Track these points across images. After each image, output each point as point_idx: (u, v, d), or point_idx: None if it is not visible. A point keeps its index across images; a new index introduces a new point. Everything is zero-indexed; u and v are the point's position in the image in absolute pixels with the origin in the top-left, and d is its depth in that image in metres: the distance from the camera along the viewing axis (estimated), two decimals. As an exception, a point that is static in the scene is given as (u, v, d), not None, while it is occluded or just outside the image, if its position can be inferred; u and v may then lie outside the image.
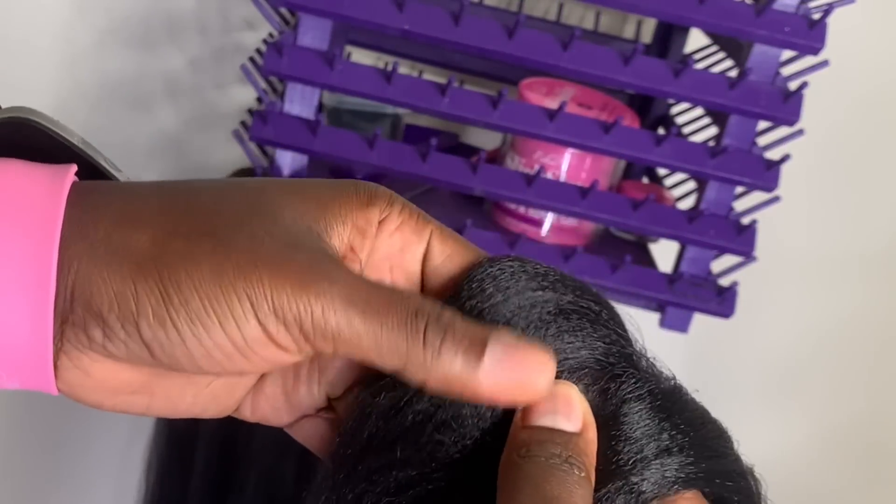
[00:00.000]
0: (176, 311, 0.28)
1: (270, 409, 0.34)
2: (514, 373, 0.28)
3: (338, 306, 0.28)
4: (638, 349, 0.34)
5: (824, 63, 0.66)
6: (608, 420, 0.30)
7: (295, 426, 0.35)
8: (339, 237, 0.31)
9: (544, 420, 0.28)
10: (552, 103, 0.69)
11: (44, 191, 0.29)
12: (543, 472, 0.27)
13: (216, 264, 0.28)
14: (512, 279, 0.32)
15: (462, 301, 0.32)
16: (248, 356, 0.29)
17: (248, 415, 0.34)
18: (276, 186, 0.32)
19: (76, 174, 0.31)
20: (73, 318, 0.28)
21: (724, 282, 0.73)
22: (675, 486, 0.30)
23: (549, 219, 0.74)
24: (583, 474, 0.28)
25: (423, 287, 0.34)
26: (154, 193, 0.31)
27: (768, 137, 0.70)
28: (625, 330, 0.34)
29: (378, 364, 0.29)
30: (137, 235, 0.29)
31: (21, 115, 0.31)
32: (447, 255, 0.33)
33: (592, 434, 0.29)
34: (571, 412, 0.29)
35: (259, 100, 0.77)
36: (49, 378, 0.29)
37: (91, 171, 0.32)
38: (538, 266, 0.33)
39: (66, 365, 0.29)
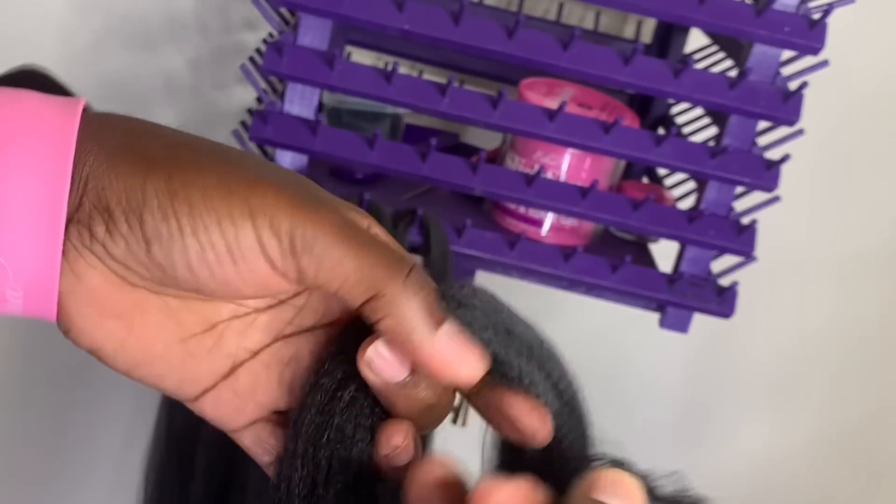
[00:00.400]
0: (180, 206, 0.29)
1: (233, 406, 0.34)
2: (461, 350, 0.31)
3: (330, 228, 0.30)
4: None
5: (824, 63, 0.66)
6: None
7: (246, 431, 0.35)
8: None
9: (605, 498, 0.27)
10: (552, 103, 0.69)
11: (59, 111, 0.30)
12: None
13: (223, 174, 0.30)
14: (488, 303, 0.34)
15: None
16: (238, 264, 0.30)
17: (207, 408, 0.34)
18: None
19: None
20: (78, 215, 0.30)
21: (724, 282, 0.73)
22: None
23: (549, 219, 0.74)
24: None
25: None
26: (164, 127, 0.33)
27: (768, 137, 0.70)
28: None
29: (353, 290, 0.30)
30: (150, 142, 0.31)
31: (35, 68, 0.33)
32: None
33: None
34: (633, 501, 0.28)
35: (259, 100, 0.77)
36: (54, 275, 0.30)
37: None
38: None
39: (62, 267, 0.30)
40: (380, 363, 0.31)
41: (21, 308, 0.31)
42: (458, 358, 0.31)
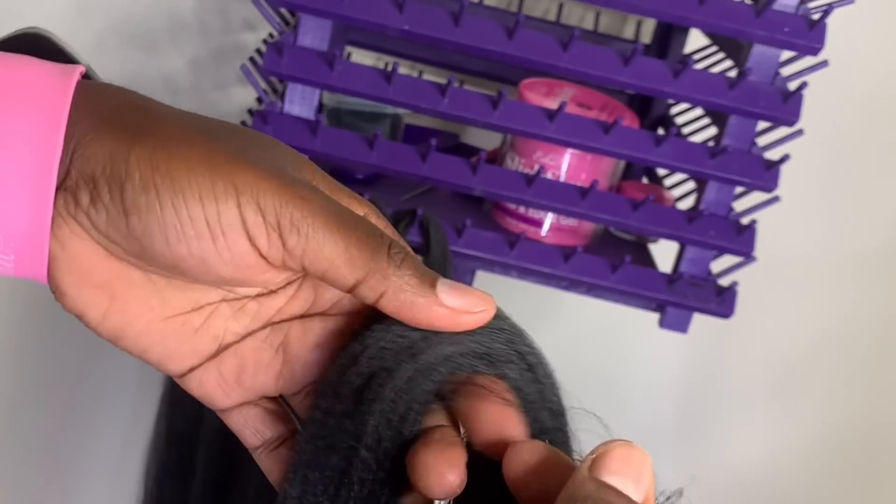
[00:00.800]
0: (161, 180, 0.29)
1: (218, 387, 0.34)
2: (464, 298, 0.31)
3: (316, 211, 0.30)
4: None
5: (824, 63, 0.66)
6: None
7: (233, 412, 0.35)
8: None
9: (614, 479, 0.27)
10: (552, 103, 0.69)
11: (56, 79, 0.30)
12: None
13: (210, 150, 0.30)
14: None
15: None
16: (218, 240, 0.30)
17: (194, 385, 0.34)
18: (275, 140, 0.34)
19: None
20: (66, 183, 0.30)
21: (724, 282, 0.73)
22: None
23: (548, 219, 0.74)
24: None
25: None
26: (157, 102, 0.33)
27: (768, 137, 0.70)
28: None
29: (341, 272, 0.30)
30: (139, 114, 0.31)
31: (37, 30, 0.35)
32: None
33: None
34: (641, 480, 0.28)
35: (259, 100, 0.77)
36: (44, 242, 0.30)
37: None
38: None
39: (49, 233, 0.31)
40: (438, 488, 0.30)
41: (13, 271, 0.31)
42: (468, 303, 0.31)
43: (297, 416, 0.35)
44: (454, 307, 0.31)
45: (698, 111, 0.84)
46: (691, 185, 0.81)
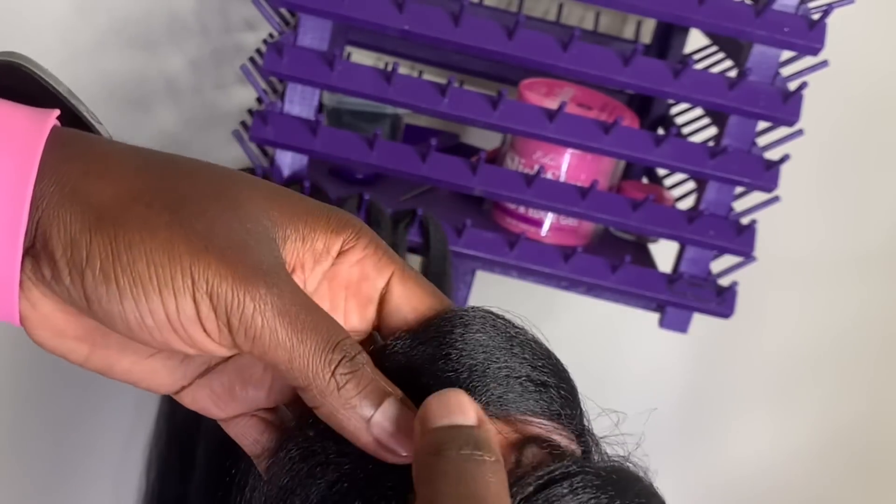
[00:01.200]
0: (122, 270, 0.29)
1: (212, 402, 0.35)
2: (393, 437, 0.30)
3: (268, 312, 0.30)
4: (587, 426, 0.35)
5: (824, 63, 0.66)
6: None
7: (231, 422, 0.36)
8: (293, 251, 0.32)
9: (443, 421, 0.29)
10: (552, 104, 0.69)
11: (25, 130, 0.30)
12: (458, 465, 0.28)
13: (170, 238, 0.29)
14: (483, 332, 0.33)
15: (428, 337, 0.33)
16: (178, 331, 0.30)
17: (188, 401, 0.35)
18: (250, 182, 0.33)
19: (59, 120, 0.32)
20: (32, 251, 0.30)
21: (724, 282, 0.73)
22: None
23: (548, 219, 0.74)
24: (493, 458, 0.28)
25: (379, 322, 0.35)
26: (131, 156, 0.32)
27: (768, 137, 0.70)
28: (579, 406, 0.35)
29: (285, 376, 0.30)
30: (104, 191, 0.30)
31: (11, 59, 0.33)
32: (406, 296, 0.34)
33: (490, 426, 0.30)
34: (464, 410, 0.29)
35: (259, 100, 0.77)
36: (13, 302, 0.30)
37: (73, 120, 0.34)
38: (508, 325, 0.34)
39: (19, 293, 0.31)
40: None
41: None
42: (395, 443, 0.30)
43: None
44: (382, 442, 0.30)
45: (698, 111, 0.84)
46: (691, 185, 0.81)
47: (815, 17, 0.64)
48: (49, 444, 1.09)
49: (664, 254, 0.79)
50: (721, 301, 0.72)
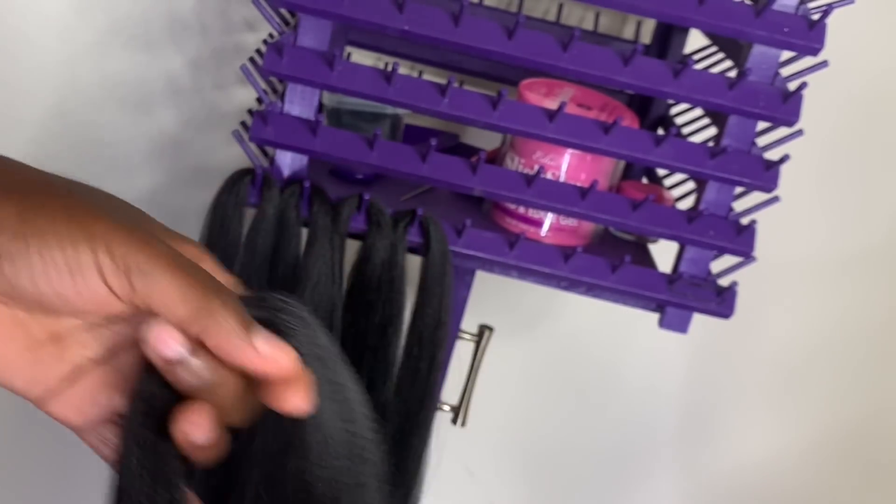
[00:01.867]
0: (29, 229, 0.35)
1: (77, 407, 0.40)
2: (274, 350, 0.37)
3: (163, 260, 0.36)
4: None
5: (824, 63, 0.66)
6: None
7: (93, 430, 0.41)
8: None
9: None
10: (552, 104, 0.69)
11: None
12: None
13: (69, 206, 0.36)
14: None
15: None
16: (76, 280, 0.35)
17: (53, 408, 0.40)
18: (125, 201, 0.40)
19: None
20: None
21: (724, 282, 0.73)
22: None
23: (548, 219, 0.74)
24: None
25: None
26: (23, 165, 0.39)
27: (768, 138, 0.70)
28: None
29: (176, 307, 0.36)
30: (10, 176, 0.37)
31: None
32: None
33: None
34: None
35: (259, 100, 0.77)
36: None
37: None
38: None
39: None
40: (155, 342, 0.36)
41: None
42: (275, 354, 0.37)
43: None
44: (264, 354, 0.36)
45: (698, 111, 0.84)
46: (691, 185, 0.81)
47: (815, 17, 0.64)
48: (49, 445, 1.09)
49: (664, 254, 0.79)
50: (721, 301, 0.72)
